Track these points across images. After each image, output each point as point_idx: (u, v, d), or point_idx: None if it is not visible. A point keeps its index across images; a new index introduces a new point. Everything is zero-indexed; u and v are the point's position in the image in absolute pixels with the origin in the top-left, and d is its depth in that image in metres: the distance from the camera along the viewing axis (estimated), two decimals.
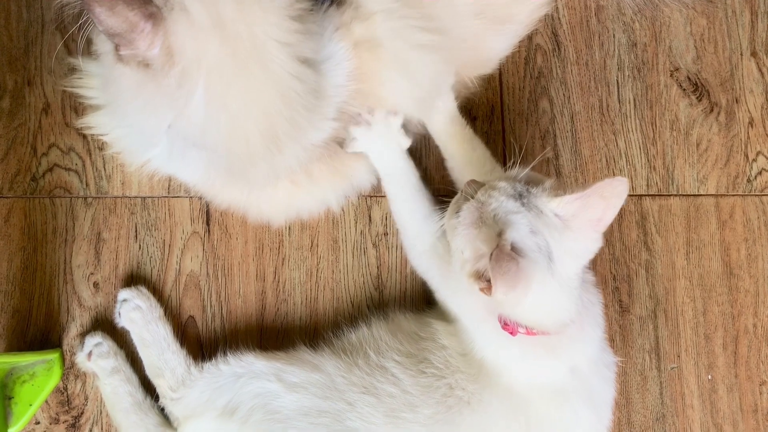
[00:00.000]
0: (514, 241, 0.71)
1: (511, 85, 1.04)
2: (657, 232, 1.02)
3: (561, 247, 0.74)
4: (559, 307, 0.76)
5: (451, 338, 0.85)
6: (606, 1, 1.06)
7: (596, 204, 0.73)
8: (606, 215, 0.74)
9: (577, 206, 0.74)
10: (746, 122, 1.04)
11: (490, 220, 0.73)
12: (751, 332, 1.00)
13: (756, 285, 1.01)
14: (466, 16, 0.89)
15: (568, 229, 0.74)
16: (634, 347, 1.00)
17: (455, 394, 0.81)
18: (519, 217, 0.73)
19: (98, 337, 0.95)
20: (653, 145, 1.04)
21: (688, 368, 0.99)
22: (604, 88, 1.05)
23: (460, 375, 0.83)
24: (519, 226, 0.72)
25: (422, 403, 0.81)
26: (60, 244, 1.00)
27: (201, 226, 1.00)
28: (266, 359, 0.88)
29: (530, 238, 0.72)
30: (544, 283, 0.73)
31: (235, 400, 0.86)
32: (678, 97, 1.05)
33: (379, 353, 0.86)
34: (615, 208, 0.74)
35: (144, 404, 0.92)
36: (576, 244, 0.75)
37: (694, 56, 1.06)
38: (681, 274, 1.01)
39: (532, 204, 0.74)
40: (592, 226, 0.75)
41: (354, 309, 0.99)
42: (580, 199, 0.73)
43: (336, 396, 0.83)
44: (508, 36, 0.97)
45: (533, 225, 0.73)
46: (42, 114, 1.02)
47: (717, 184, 1.03)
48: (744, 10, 1.06)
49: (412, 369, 0.84)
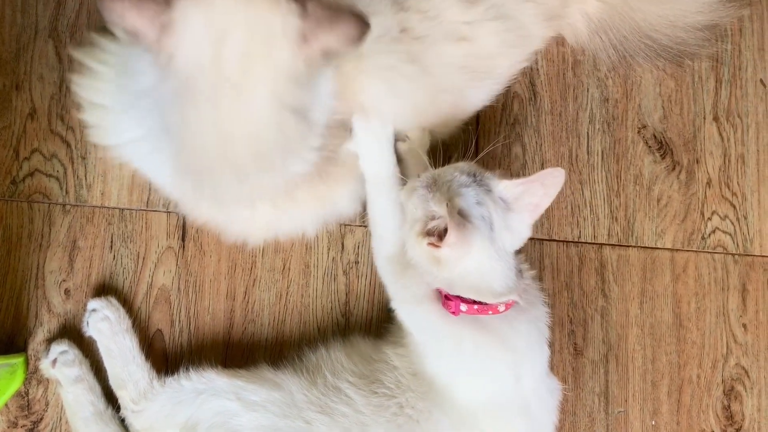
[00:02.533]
0: (461, 207, 0.82)
1: (487, 129, 1.09)
2: (614, 280, 1.07)
3: (501, 222, 0.84)
4: (496, 275, 0.84)
5: (402, 359, 0.89)
6: (583, 57, 1.11)
7: (536, 190, 0.86)
8: (542, 202, 0.87)
9: (520, 190, 0.86)
10: (704, 182, 1.10)
11: (444, 188, 0.84)
12: (694, 382, 1.05)
13: (702, 337, 1.06)
14: (451, 68, 0.92)
15: (510, 210, 0.86)
16: (585, 389, 1.04)
17: (405, 413, 0.85)
18: (469, 190, 0.84)
19: (64, 345, 0.96)
20: (617, 197, 1.09)
21: (634, 413, 1.04)
22: (575, 139, 1.10)
23: (410, 394, 0.86)
24: (467, 196, 0.83)
25: (373, 422, 0.84)
26: (34, 249, 1.01)
27: (176, 242, 1.02)
28: (227, 377, 0.90)
29: (476, 207, 0.83)
30: (484, 248, 0.83)
31: (195, 416, 0.87)
32: (643, 153, 1.11)
33: (335, 374, 0.89)
34: (551, 197, 0.86)
35: (105, 414, 0.93)
36: (514, 224, 0.86)
37: (661, 116, 1.12)
38: (634, 322, 1.06)
39: (483, 182, 0.85)
40: (529, 212, 0.87)
41: (320, 334, 1.02)
42: (524, 184, 0.85)
43: (295, 414, 0.85)
44: (485, 90, 1.01)
45: (480, 197, 0.83)
46: (28, 119, 1.03)
47: (673, 239, 1.08)
48: (710, 77, 1.13)
49: (365, 389, 0.87)
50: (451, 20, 0.91)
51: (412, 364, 0.88)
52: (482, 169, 0.88)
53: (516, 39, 0.97)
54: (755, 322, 1.07)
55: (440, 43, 0.91)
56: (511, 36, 0.96)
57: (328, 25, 0.72)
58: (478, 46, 0.93)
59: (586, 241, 1.07)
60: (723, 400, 1.05)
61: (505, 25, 0.94)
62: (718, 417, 1.05)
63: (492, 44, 0.94)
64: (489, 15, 0.92)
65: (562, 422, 1.03)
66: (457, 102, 0.97)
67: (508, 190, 0.86)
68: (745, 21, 1.14)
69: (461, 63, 0.93)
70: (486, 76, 0.98)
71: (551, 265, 1.06)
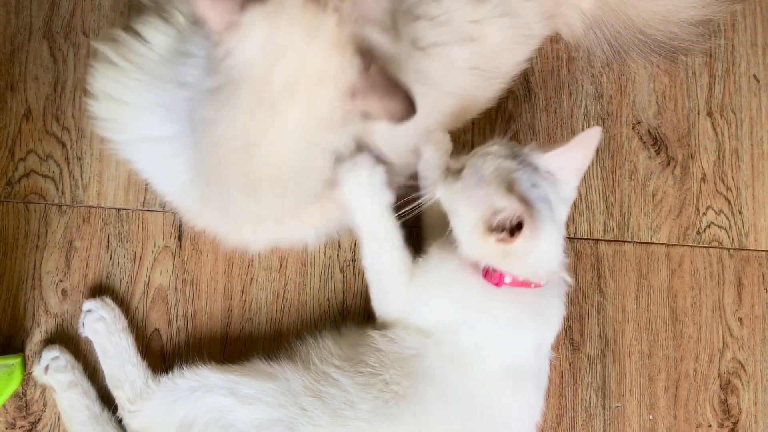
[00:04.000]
0: (522, 194, 0.80)
1: (482, 126, 1.09)
2: (610, 275, 1.07)
3: (556, 197, 0.84)
4: (555, 254, 0.85)
5: (388, 344, 0.89)
6: (577, 53, 1.12)
7: (578, 154, 0.85)
8: (584, 163, 0.86)
9: (563, 159, 0.85)
10: (699, 177, 1.11)
11: (494, 180, 0.81)
12: (691, 377, 1.06)
13: (698, 332, 1.07)
14: (459, 72, 0.93)
15: (558, 181, 0.85)
16: (582, 384, 1.05)
17: (391, 389, 0.85)
18: (520, 173, 0.82)
19: (55, 351, 0.95)
20: (612, 193, 1.10)
21: (631, 408, 1.05)
22: (570, 135, 1.10)
23: (394, 371, 0.86)
24: (522, 181, 0.81)
25: (359, 399, 0.84)
26: (31, 250, 1.01)
27: (173, 241, 1.03)
28: (221, 372, 0.89)
29: (533, 191, 0.82)
30: (549, 231, 0.82)
31: (190, 414, 0.87)
32: (638, 149, 1.11)
33: (322, 360, 0.89)
34: (590, 157, 0.87)
35: (101, 417, 0.92)
36: (565, 192, 0.86)
37: (655, 111, 1.12)
38: (630, 317, 1.06)
39: (527, 161, 0.83)
40: (576, 175, 0.86)
41: (317, 332, 1.02)
42: (566, 152, 0.85)
43: (290, 402, 0.85)
44: (491, 90, 1.01)
45: (533, 179, 0.82)
46: (23, 119, 1.03)
47: (669, 234, 1.09)
48: (703, 72, 1.13)
49: (350, 370, 0.87)
50: (461, 21, 0.92)
51: (400, 350, 0.88)
52: (519, 146, 0.86)
53: (521, 36, 0.99)
54: (751, 316, 1.07)
55: (449, 48, 0.91)
56: (516, 33, 0.97)
57: (381, 94, 0.73)
58: (485, 45, 0.94)
59: (581, 236, 1.08)
60: (720, 394, 1.05)
61: (511, 21, 0.95)
62: (715, 411, 1.05)
63: (499, 41, 0.95)
64: (496, 12, 0.93)
65: (561, 417, 1.03)
66: (463, 104, 0.97)
67: (553, 161, 0.85)
68: (738, 16, 1.14)
69: (469, 65, 0.93)
70: (492, 76, 0.98)
71: None
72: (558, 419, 1.03)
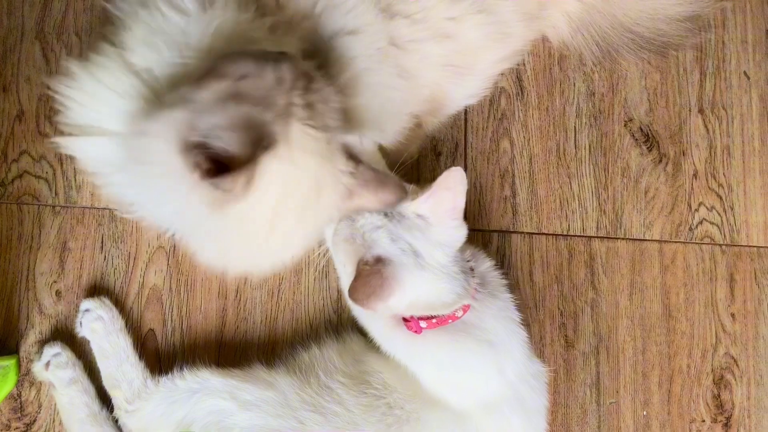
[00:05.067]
0: (378, 254, 0.83)
1: (475, 125, 1.09)
2: (603, 272, 1.08)
3: (427, 243, 0.85)
4: (441, 291, 0.85)
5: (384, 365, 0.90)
6: (569, 51, 1.12)
7: (445, 195, 0.86)
8: (456, 202, 0.87)
9: (430, 203, 0.86)
10: (691, 174, 1.11)
11: (360, 238, 0.84)
12: (684, 372, 1.06)
13: (692, 328, 1.07)
14: (434, 67, 0.93)
15: (430, 224, 0.86)
16: (577, 381, 1.05)
17: (394, 413, 0.86)
18: (380, 232, 0.84)
19: (57, 348, 0.96)
20: (605, 190, 1.10)
21: (625, 403, 1.05)
22: (562, 134, 1.11)
23: (397, 395, 0.87)
24: (379, 240, 0.84)
25: (363, 421, 0.85)
26: (24, 251, 1.01)
27: (167, 241, 1.03)
28: (222, 376, 0.90)
29: (392, 245, 0.84)
30: (417, 277, 0.84)
31: (189, 416, 0.88)
32: (630, 146, 1.11)
33: (327, 374, 0.90)
34: (461, 195, 0.87)
35: (100, 416, 0.93)
36: (440, 235, 0.86)
37: (647, 109, 1.13)
38: (624, 313, 1.07)
39: (394, 213, 0.86)
40: (450, 216, 0.87)
41: (312, 331, 1.02)
42: (430, 196, 0.86)
43: (288, 414, 0.85)
44: (466, 87, 1.02)
45: (393, 233, 0.84)
46: (15, 121, 1.03)
47: (661, 231, 1.09)
48: (694, 69, 1.14)
49: (355, 390, 0.88)
50: (437, 18, 0.92)
51: (396, 369, 0.89)
52: None
53: (497, 34, 0.98)
54: (743, 311, 1.08)
55: (425, 44, 0.92)
56: (493, 30, 0.97)
57: (374, 189, 0.79)
58: (460, 42, 0.94)
59: (575, 234, 1.08)
60: (713, 389, 1.06)
61: (488, 18, 0.95)
62: (708, 406, 1.06)
63: (474, 38, 0.95)
64: (473, 9, 0.93)
65: (555, 414, 1.04)
66: (436, 97, 0.97)
67: (420, 208, 0.86)
68: (728, 13, 1.15)
69: (444, 62, 0.94)
70: (467, 72, 0.99)
71: (541, 259, 1.07)
72: (552, 416, 1.04)
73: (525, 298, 1.06)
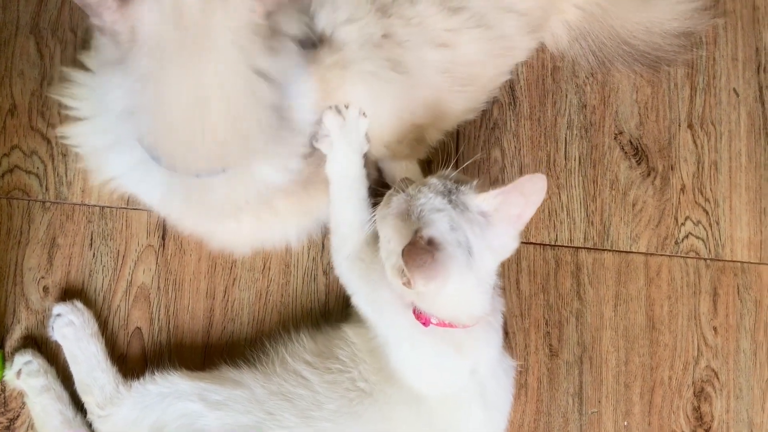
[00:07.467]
0: (432, 236, 0.76)
1: (467, 133, 1.10)
2: (589, 283, 1.09)
3: (482, 243, 0.79)
4: (474, 301, 0.82)
5: (360, 336, 0.90)
6: (562, 63, 1.13)
7: (516, 200, 0.79)
8: (525, 212, 0.80)
9: (499, 201, 0.80)
10: (678, 188, 1.13)
11: (414, 215, 0.78)
12: (666, 384, 1.07)
13: (674, 340, 1.09)
14: (431, 69, 0.93)
15: (490, 225, 0.80)
16: (560, 390, 1.06)
17: (357, 386, 0.86)
18: (441, 215, 0.78)
19: (28, 356, 0.95)
20: (593, 202, 1.11)
21: (607, 413, 1.06)
22: (553, 144, 1.12)
23: (364, 366, 0.87)
24: (439, 223, 0.77)
25: (326, 399, 0.86)
26: (13, 246, 1.01)
27: (156, 240, 1.03)
28: (190, 379, 0.90)
29: (450, 233, 0.77)
30: (463, 277, 0.78)
31: (161, 419, 0.87)
32: (619, 159, 1.13)
33: (294, 355, 0.90)
34: (534, 206, 0.80)
35: (74, 422, 0.92)
36: (496, 239, 0.81)
37: (637, 122, 1.14)
38: (608, 324, 1.08)
39: (459, 200, 0.79)
40: (512, 223, 0.81)
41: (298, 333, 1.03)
42: (502, 194, 0.79)
43: (257, 408, 0.86)
44: (468, 97, 1.02)
45: (454, 221, 0.77)
46: (8, 115, 1.03)
47: (648, 243, 1.11)
48: (685, 84, 1.15)
49: (320, 367, 0.88)
50: (433, 27, 0.92)
51: (370, 341, 0.89)
52: (461, 180, 0.83)
53: (498, 49, 0.99)
54: (725, 325, 1.10)
55: (421, 47, 0.92)
56: (493, 46, 0.98)
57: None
58: (458, 53, 0.94)
59: (562, 244, 1.09)
60: (693, 401, 1.07)
61: (486, 34, 0.95)
62: (688, 418, 1.07)
63: (472, 52, 0.96)
64: (470, 24, 0.94)
65: (537, 422, 1.05)
66: (436, 103, 0.97)
67: (487, 203, 0.80)
68: (719, 30, 1.16)
69: (442, 67, 0.94)
70: (468, 83, 0.99)
71: (528, 268, 1.08)
72: (535, 423, 1.05)
73: (511, 306, 1.07)
